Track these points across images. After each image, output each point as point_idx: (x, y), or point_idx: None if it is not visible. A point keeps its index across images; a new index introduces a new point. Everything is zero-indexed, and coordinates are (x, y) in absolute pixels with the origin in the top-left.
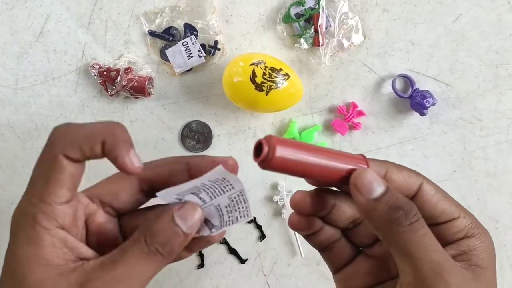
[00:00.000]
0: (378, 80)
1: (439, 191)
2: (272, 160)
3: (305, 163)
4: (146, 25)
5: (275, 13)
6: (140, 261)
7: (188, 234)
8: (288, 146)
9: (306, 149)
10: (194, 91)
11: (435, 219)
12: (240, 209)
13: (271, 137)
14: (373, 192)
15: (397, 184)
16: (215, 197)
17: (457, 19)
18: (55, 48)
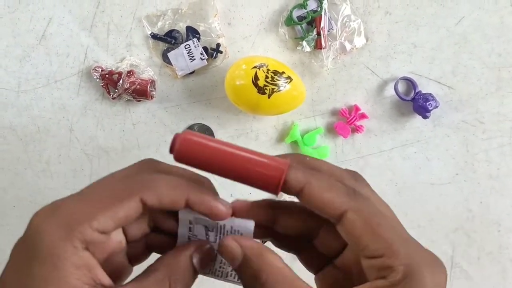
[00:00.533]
0: (380, 83)
1: (370, 220)
2: (176, 152)
3: (211, 160)
4: (148, 28)
5: (277, 15)
6: None
7: (200, 271)
8: (196, 136)
9: (218, 141)
10: (196, 94)
11: (360, 252)
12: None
13: (183, 133)
14: (233, 262)
15: (316, 202)
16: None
17: (459, 21)
18: (58, 51)
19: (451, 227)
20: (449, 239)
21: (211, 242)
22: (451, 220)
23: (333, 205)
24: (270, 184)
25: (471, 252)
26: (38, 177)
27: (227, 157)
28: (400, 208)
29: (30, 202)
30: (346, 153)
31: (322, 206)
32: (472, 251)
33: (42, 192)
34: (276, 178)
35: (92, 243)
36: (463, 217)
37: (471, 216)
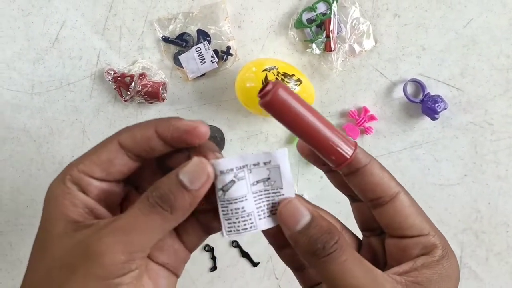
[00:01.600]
0: (389, 84)
1: (415, 205)
2: (272, 97)
3: (299, 115)
4: (160, 31)
5: (287, 18)
6: (142, 214)
7: (193, 190)
8: (290, 93)
9: (305, 105)
10: (207, 96)
11: (403, 231)
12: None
13: (278, 81)
14: (296, 224)
15: (375, 180)
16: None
17: (468, 23)
18: (70, 54)
19: (460, 228)
20: (458, 240)
21: (247, 196)
22: (460, 221)
23: (390, 185)
24: (342, 156)
25: (479, 252)
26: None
27: (310, 124)
28: None
29: (43, 203)
30: None
31: (383, 184)
32: (480, 251)
33: None
34: (349, 151)
35: (85, 186)
36: (472, 217)
37: (480, 217)
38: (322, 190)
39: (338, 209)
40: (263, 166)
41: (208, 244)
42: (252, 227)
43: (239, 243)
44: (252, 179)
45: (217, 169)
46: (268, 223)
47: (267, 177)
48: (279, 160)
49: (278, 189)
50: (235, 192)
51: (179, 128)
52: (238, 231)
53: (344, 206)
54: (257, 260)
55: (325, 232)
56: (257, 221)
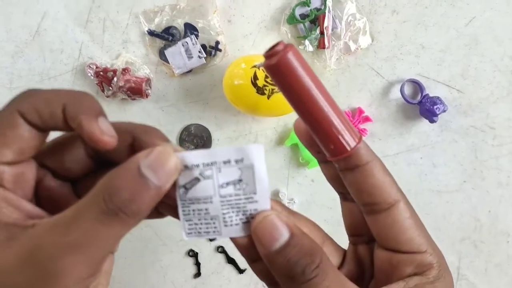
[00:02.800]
0: (386, 85)
1: (414, 217)
2: (280, 60)
3: (305, 88)
4: (145, 24)
5: (279, 13)
6: (97, 224)
7: (160, 187)
8: (301, 60)
9: (315, 79)
10: (194, 94)
11: (399, 245)
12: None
13: (290, 44)
14: (273, 243)
15: (375, 182)
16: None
17: (470, 22)
18: (51, 47)
19: (458, 237)
20: (456, 249)
21: (212, 198)
22: (458, 230)
23: (391, 190)
24: (341, 147)
25: (478, 263)
26: None
27: (316, 101)
28: None
29: None
30: None
31: (383, 188)
32: (479, 262)
33: None
34: (351, 143)
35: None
36: (471, 226)
37: (479, 226)
38: (312, 195)
39: (329, 214)
40: (234, 164)
41: (192, 249)
42: (216, 233)
43: (225, 249)
44: (221, 180)
45: (181, 163)
46: (235, 232)
47: (239, 179)
48: (253, 158)
49: (250, 194)
50: (199, 192)
51: (82, 128)
52: (200, 233)
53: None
54: (243, 267)
55: (305, 253)
56: (222, 228)
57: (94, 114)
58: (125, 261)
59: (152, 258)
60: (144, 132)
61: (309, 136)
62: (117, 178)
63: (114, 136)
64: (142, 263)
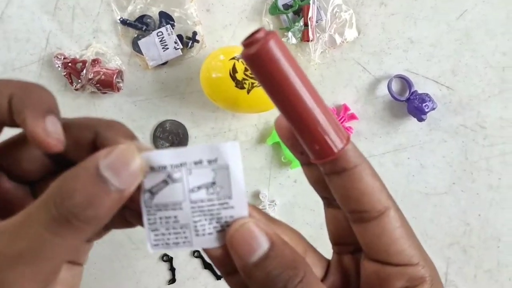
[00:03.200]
0: (372, 80)
1: (405, 226)
2: (259, 49)
3: (288, 81)
4: (118, 13)
5: (261, 3)
6: (46, 233)
7: (123, 190)
8: (284, 50)
9: (299, 71)
10: (169, 87)
11: (389, 256)
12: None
13: (273, 31)
14: (251, 254)
15: (363, 187)
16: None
17: (461, 15)
18: (16, 36)
19: (446, 242)
20: (444, 255)
21: (182, 204)
22: (446, 234)
23: (381, 197)
24: (327, 148)
25: (467, 269)
26: None
27: (299, 97)
28: None
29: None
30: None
31: (372, 194)
32: (468, 268)
33: None
34: (338, 144)
35: None
36: (460, 230)
37: (469, 230)
38: (295, 196)
39: (312, 217)
40: (207, 165)
41: (167, 253)
42: (186, 243)
43: (201, 254)
44: (191, 183)
45: (146, 163)
46: (208, 242)
47: (212, 182)
48: (228, 158)
49: (225, 199)
50: (167, 197)
51: (25, 126)
52: (168, 244)
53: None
54: None
55: (287, 266)
56: (193, 238)
57: (42, 110)
58: (95, 266)
59: (124, 263)
60: (108, 127)
61: (292, 135)
62: (72, 180)
63: (61, 140)
64: (113, 268)
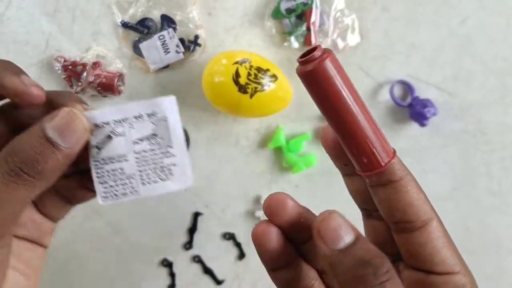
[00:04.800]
0: (374, 86)
1: (447, 236)
2: (317, 67)
3: (341, 98)
4: (119, 15)
5: (264, 7)
6: (2, 185)
7: (66, 149)
8: (339, 68)
9: (352, 88)
10: (170, 91)
11: (433, 265)
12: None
13: (329, 49)
14: (339, 241)
15: (409, 199)
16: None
17: (463, 21)
18: (15, 38)
19: None
20: None
21: (127, 156)
22: None
23: (425, 208)
24: (375, 161)
25: None
26: None
27: (351, 112)
28: None
29: None
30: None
31: (417, 206)
32: None
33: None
34: (384, 158)
35: None
36: (460, 236)
37: (469, 236)
38: None
39: None
40: (147, 119)
41: (166, 258)
42: (133, 193)
43: (201, 258)
44: (134, 136)
45: (90, 122)
46: (154, 190)
47: (153, 133)
48: (166, 111)
49: (166, 148)
50: (112, 151)
51: (4, 85)
52: (116, 196)
53: None
54: (221, 277)
55: (376, 255)
56: (140, 187)
57: (16, 72)
58: (94, 271)
59: (123, 269)
60: (58, 95)
61: (337, 146)
62: (21, 141)
63: (42, 89)
64: (113, 274)
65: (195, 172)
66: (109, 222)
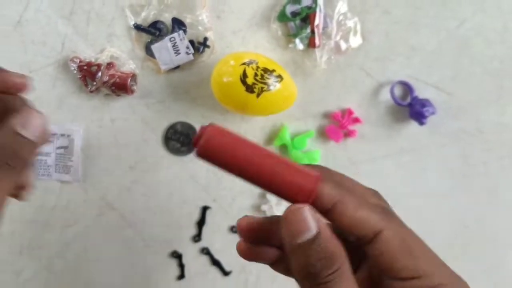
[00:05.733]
0: (376, 86)
1: (407, 242)
2: (201, 147)
3: (238, 162)
4: (132, 18)
5: (270, 10)
6: None
7: (35, 141)
8: (225, 133)
9: (247, 142)
10: (181, 91)
11: (397, 273)
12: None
13: (211, 126)
14: (298, 236)
15: (349, 221)
16: None
17: (461, 24)
18: (33, 39)
19: (445, 243)
20: (443, 256)
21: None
22: (446, 236)
23: (369, 224)
24: (300, 196)
25: (465, 269)
26: None
27: (256, 161)
28: None
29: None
30: (337, 159)
31: (357, 225)
32: (466, 267)
33: None
34: (307, 190)
35: None
36: (458, 232)
37: (467, 232)
38: None
39: None
40: (66, 136)
41: (176, 250)
42: (48, 175)
43: (209, 251)
44: (57, 144)
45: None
46: (60, 177)
47: (66, 146)
48: (75, 135)
49: (70, 156)
50: (43, 149)
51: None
52: (38, 175)
53: None
54: (229, 269)
55: (326, 256)
56: (53, 173)
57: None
58: (106, 263)
59: (134, 260)
60: (13, 99)
61: (253, 233)
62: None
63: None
64: (123, 265)
65: (204, 168)
66: (122, 216)
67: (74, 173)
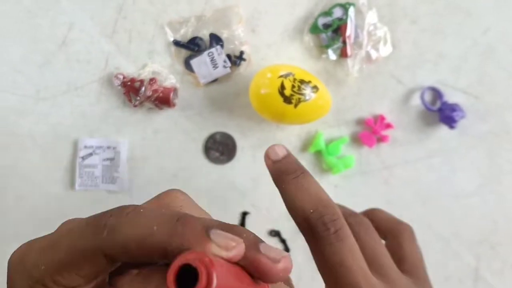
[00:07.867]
0: (406, 92)
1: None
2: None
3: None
4: (171, 35)
5: (302, 23)
6: None
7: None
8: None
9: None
10: (219, 102)
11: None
12: None
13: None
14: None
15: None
16: None
17: (485, 32)
18: (78, 58)
19: (476, 239)
20: (474, 252)
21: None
22: (476, 232)
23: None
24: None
25: (495, 264)
26: (57, 185)
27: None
28: (424, 219)
29: (46, 211)
30: (371, 163)
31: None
32: (496, 263)
33: (62, 200)
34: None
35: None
36: (488, 229)
37: (496, 228)
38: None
39: None
40: (112, 149)
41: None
42: (96, 186)
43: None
44: (103, 156)
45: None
46: (106, 187)
47: (112, 157)
48: (121, 147)
49: (117, 167)
50: (90, 161)
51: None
52: (85, 185)
53: None
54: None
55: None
56: (100, 184)
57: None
58: None
59: None
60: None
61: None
62: None
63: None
64: None
65: (243, 175)
66: None
67: (120, 183)
